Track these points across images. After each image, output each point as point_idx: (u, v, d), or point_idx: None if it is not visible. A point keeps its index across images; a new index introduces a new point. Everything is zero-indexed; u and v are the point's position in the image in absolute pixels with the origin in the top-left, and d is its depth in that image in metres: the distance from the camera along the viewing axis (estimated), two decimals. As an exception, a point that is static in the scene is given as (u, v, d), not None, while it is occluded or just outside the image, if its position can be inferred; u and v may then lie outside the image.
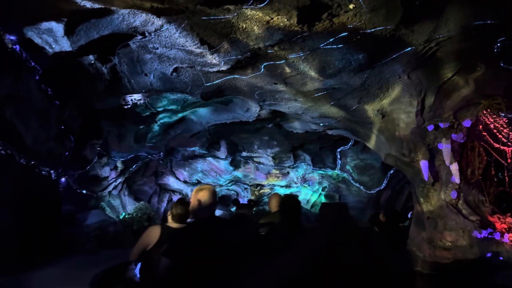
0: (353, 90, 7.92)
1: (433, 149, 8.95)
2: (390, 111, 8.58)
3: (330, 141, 15.08)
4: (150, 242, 3.75)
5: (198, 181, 14.84)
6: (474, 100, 7.66)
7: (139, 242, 3.84)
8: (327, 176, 17.19)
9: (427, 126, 8.50)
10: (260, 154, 15.20)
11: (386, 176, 16.09)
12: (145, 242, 3.79)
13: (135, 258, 3.82)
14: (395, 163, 10.02)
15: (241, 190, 16.30)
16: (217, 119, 11.71)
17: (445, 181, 9.09)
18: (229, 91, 8.99)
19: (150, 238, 3.77)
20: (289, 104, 9.24)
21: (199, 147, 13.56)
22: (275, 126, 13.52)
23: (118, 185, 12.23)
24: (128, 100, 9.22)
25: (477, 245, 8.09)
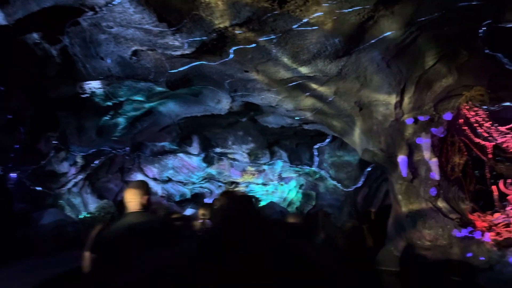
0: (329, 80, 7.39)
1: (412, 144, 8.53)
2: (368, 103, 8.10)
3: (307, 137, 14.58)
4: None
5: (169, 178, 14.10)
6: (456, 91, 7.26)
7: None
8: (304, 174, 16.72)
9: (406, 119, 8.06)
10: (235, 150, 14.56)
11: (363, 174, 15.72)
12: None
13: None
14: (372, 159, 9.57)
15: (215, 188, 15.63)
16: (187, 112, 11.01)
17: (424, 178, 8.69)
18: (197, 80, 8.33)
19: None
20: (262, 95, 8.65)
21: (169, 142, 12.81)
22: (249, 121, 12.92)
23: (79, 182, 11.38)
24: (86, 88, 8.43)
25: (457, 244, 7.70)
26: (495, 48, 5.42)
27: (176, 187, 14.36)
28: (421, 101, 7.61)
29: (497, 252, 6.95)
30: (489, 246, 7.13)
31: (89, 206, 11.54)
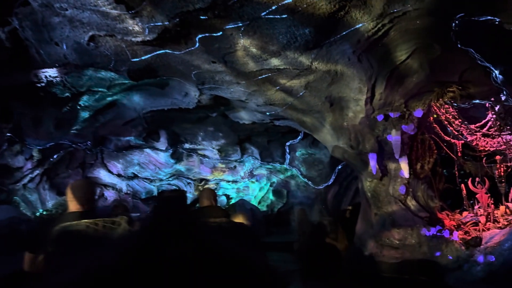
0: (299, 73, 7.12)
1: (382, 141, 8.41)
2: (339, 98, 7.90)
3: (278, 133, 14.35)
4: None
5: (134, 174, 13.53)
6: (427, 88, 7.15)
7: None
8: (276, 171, 16.52)
9: (377, 116, 7.92)
10: (205, 146, 14.16)
11: (334, 171, 15.67)
12: None
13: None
14: (342, 156, 9.42)
15: (184, 185, 15.17)
16: (153, 105, 10.53)
17: (393, 176, 8.60)
18: (162, 70, 7.90)
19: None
20: (231, 88, 8.30)
21: (135, 137, 12.28)
22: (220, 116, 12.55)
23: (36, 177, 10.67)
24: (42, 77, 7.84)
25: (426, 243, 7.62)
26: (468, 42, 5.29)
27: (142, 184, 13.82)
28: (392, 98, 7.47)
29: (465, 251, 6.90)
30: (457, 245, 7.08)
31: (47, 203, 10.86)
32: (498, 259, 6.12)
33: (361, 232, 9.49)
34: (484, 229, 7.27)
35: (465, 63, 6.08)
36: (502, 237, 6.51)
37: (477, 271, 6.43)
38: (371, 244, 8.82)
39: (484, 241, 6.88)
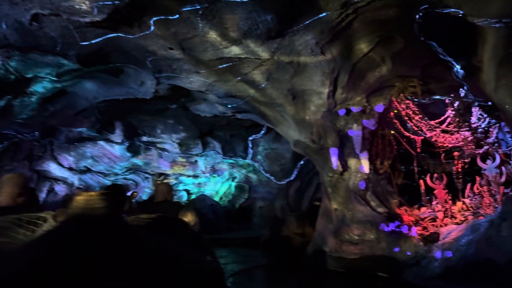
0: (261, 64, 6.86)
1: (344, 136, 8.33)
2: (301, 91, 7.71)
3: (241, 128, 14.08)
4: None
5: (87, 168, 12.79)
6: (388, 82, 7.09)
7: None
8: (238, 166, 16.24)
9: (339, 110, 7.82)
10: (164, 139, 13.62)
11: (296, 167, 15.60)
12: None
13: None
14: (304, 151, 9.29)
15: (141, 180, 14.55)
16: (107, 94, 9.90)
17: (354, 171, 8.54)
18: (115, 56, 7.39)
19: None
20: (191, 78, 7.92)
21: (88, 128, 11.56)
22: (180, 108, 12.09)
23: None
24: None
25: (385, 239, 7.60)
26: (431, 36, 5.21)
27: (95, 178, 13.09)
28: (354, 92, 7.36)
29: (423, 247, 6.92)
30: (415, 241, 7.09)
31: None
32: (455, 254, 6.16)
33: (321, 227, 9.40)
34: (441, 224, 7.34)
35: (428, 58, 6.04)
36: (459, 232, 6.57)
37: (435, 266, 6.44)
38: (331, 239, 8.74)
39: (442, 237, 6.94)
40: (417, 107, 7.49)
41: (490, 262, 5.37)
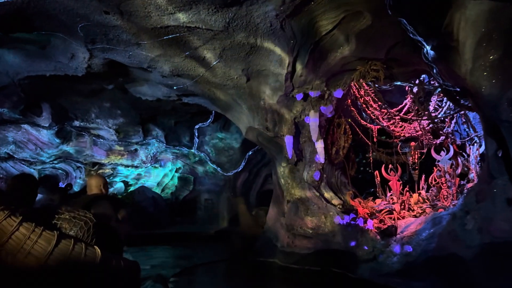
0: (214, 37, 6.06)
1: (299, 123, 7.82)
2: (257, 72, 7.03)
3: (187, 114, 13.12)
4: None
5: (8, 155, 11.17)
6: (350, 65, 6.62)
7: None
8: (182, 156, 15.27)
9: (296, 94, 7.26)
10: (99, 125, 12.27)
11: (245, 158, 14.99)
12: None
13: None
14: (257, 139, 8.65)
15: (73, 170, 13.10)
16: (31, 69, 8.52)
17: (308, 161, 8.07)
18: (39, 20, 6.21)
19: None
20: (130, 51, 6.92)
21: (9, 109, 10.00)
22: (118, 90, 10.86)
23: None
24: None
25: (340, 233, 7.19)
26: (401, 11, 4.74)
27: (18, 167, 11.50)
28: (314, 75, 6.81)
29: (381, 241, 6.57)
30: (372, 235, 6.73)
31: None
32: (415, 249, 5.84)
33: (272, 220, 8.86)
34: (399, 217, 7.05)
35: (394, 37, 5.61)
36: (418, 226, 6.29)
37: (393, 262, 6.10)
38: (283, 233, 8.22)
39: (400, 230, 6.63)
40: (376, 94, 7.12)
41: (454, 257, 5.08)
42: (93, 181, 3.63)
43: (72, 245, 2.21)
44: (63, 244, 2.19)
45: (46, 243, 2.15)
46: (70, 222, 2.35)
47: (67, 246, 2.19)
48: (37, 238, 2.16)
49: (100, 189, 3.55)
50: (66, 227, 2.31)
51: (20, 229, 2.15)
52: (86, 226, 2.36)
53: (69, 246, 2.20)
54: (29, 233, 2.15)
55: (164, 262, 8.40)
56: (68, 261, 2.17)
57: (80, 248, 2.23)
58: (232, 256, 9.05)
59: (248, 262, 8.49)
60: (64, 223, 2.34)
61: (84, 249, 2.24)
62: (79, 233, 2.32)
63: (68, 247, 2.19)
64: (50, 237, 2.18)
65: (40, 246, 2.14)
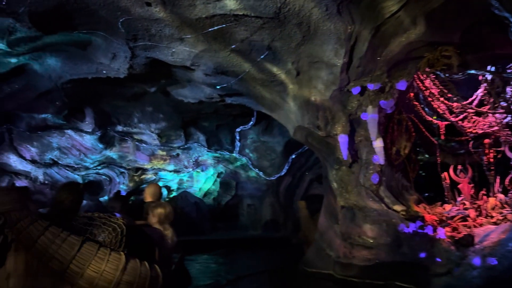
0: (262, 26, 5.52)
1: (355, 121, 7.12)
2: (308, 65, 6.42)
3: (229, 117, 12.71)
4: None
5: (53, 161, 11.17)
6: (416, 52, 5.85)
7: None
8: (224, 160, 14.91)
9: (352, 88, 6.56)
10: (142, 129, 12.10)
11: (288, 161, 14.41)
12: None
13: None
14: (305, 139, 8.02)
15: (116, 175, 13.00)
16: (73, 72, 8.38)
17: (365, 162, 7.33)
18: (79, 17, 5.95)
19: None
20: (173, 48, 6.53)
21: (53, 115, 9.99)
22: (160, 93, 10.61)
23: None
24: None
25: (406, 242, 6.40)
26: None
27: (63, 173, 11.48)
28: (373, 65, 6.11)
29: (456, 252, 5.71)
30: (445, 245, 5.88)
31: None
32: (501, 262, 4.98)
33: (324, 228, 8.16)
34: (475, 225, 6.16)
35: (472, 16, 4.82)
36: (501, 235, 5.41)
37: (473, 276, 5.25)
38: (338, 243, 7.50)
39: (478, 240, 5.75)
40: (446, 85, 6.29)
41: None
42: (149, 190, 3.88)
43: (96, 250, 2.26)
44: (86, 249, 2.25)
45: (70, 248, 2.22)
46: (99, 228, 2.40)
47: (90, 251, 2.25)
48: (62, 243, 2.23)
49: (156, 197, 3.77)
50: (96, 233, 2.37)
51: (46, 234, 2.24)
52: (114, 232, 2.40)
53: (93, 251, 2.25)
54: (54, 237, 2.23)
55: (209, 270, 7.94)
56: (90, 265, 2.23)
57: (104, 254, 2.27)
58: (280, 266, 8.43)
59: (299, 273, 7.85)
60: (95, 229, 2.40)
61: (107, 254, 2.27)
62: (107, 239, 2.36)
63: (92, 252, 2.25)
64: (75, 242, 2.25)
65: (64, 250, 2.21)
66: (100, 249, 2.25)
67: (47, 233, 2.22)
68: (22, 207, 2.30)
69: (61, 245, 2.19)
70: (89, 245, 2.24)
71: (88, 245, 2.23)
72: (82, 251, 2.21)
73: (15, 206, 2.27)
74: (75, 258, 2.19)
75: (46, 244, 2.18)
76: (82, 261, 2.19)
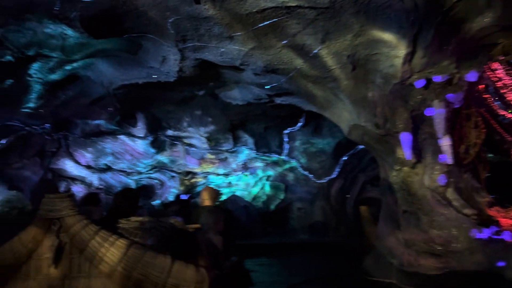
0: (316, 18, 5.18)
1: (418, 117, 6.54)
2: (365, 58, 5.98)
3: (277, 118, 12.43)
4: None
5: (107, 166, 11.45)
6: (489, 39, 5.23)
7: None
8: (272, 163, 14.66)
9: (415, 81, 6.02)
10: (191, 133, 12.14)
11: (339, 163, 13.88)
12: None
13: None
14: (361, 139, 7.54)
15: (167, 179, 13.12)
16: (124, 77, 8.48)
17: (430, 162, 6.71)
18: (129, 20, 5.94)
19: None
20: (222, 47, 6.35)
21: (106, 120, 10.21)
22: (208, 96, 10.57)
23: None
24: (-35, 29, 5.78)
25: (481, 250, 5.76)
26: None
27: (117, 177, 11.74)
28: (440, 54, 5.55)
29: (543, 261, 5.01)
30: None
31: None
32: None
33: (385, 233, 7.62)
34: None
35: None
36: None
37: None
38: (401, 249, 6.95)
39: None
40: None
41: None
42: (206, 193, 3.90)
43: (142, 253, 2.33)
44: (133, 252, 2.33)
45: (118, 251, 2.32)
46: (148, 232, 2.47)
47: (137, 255, 2.32)
48: (110, 247, 2.33)
49: (213, 201, 3.80)
50: (145, 237, 2.44)
51: (96, 238, 2.36)
52: (161, 236, 2.46)
53: (140, 255, 2.32)
54: (103, 241, 2.34)
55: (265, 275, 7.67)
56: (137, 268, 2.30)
57: (150, 257, 2.33)
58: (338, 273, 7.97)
59: (358, 281, 7.35)
60: (144, 232, 2.47)
61: (154, 257, 2.33)
62: (154, 242, 2.43)
63: (138, 255, 2.32)
64: (122, 246, 2.34)
65: (113, 254, 2.31)
66: (146, 252, 2.33)
67: (97, 237, 2.35)
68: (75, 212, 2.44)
69: (109, 248, 2.32)
70: (136, 248, 2.34)
71: (135, 249, 2.34)
72: (129, 255, 2.31)
73: (70, 212, 2.42)
74: (122, 261, 2.29)
75: (96, 248, 2.32)
76: (130, 264, 2.29)
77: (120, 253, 2.32)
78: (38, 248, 2.43)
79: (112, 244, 2.35)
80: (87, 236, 2.37)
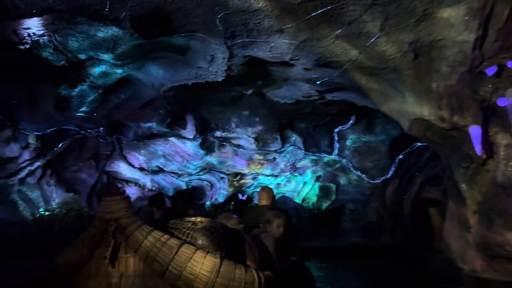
0: (374, 2, 4.82)
1: (489, 108, 5.91)
2: (429, 44, 5.49)
3: (326, 116, 12.03)
4: None
5: (159, 168, 11.60)
6: None
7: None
8: (322, 163, 14.22)
9: (486, 68, 5.43)
10: (239, 134, 12.04)
11: (394, 162, 13.19)
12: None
13: None
14: (423, 134, 6.98)
15: (217, 180, 13.11)
16: (174, 79, 8.49)
17: (504, 158, 6.06)
18: (178, 18, 5.87)
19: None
20: (271, 42, 6.13)
21: (157, 123, 10.32)
22: (256, 96, 10.40)
23: (37, 170, 8.82)
24: (23, 35, 5.98)
25: None
26: None
27: (168, 179, 11.88)
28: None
29: None
30: None
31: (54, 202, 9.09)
32: None
33: (451, 237, 7.02)
34: None
35: None
36: None
37: None
38: (471, 253, 6.35)
39: None
40: None
41: None
42: (264, 193, 3.94)
43: (192, 253, 2.37)
44: (183, 252, 2.38)
45: (169, 251, 2.38)
46: (199, 231, 2.48)
47: (187, 254, 2.37)
48: (162, 246, 2.40)
49: (271, 200, 3.84)
50: (196, 237, 2.46)
51: (149, 238, 2.44)
52: (211, 236, 2.46)
53: (190, 254, 2.37)
54: (155, 241, 2.41)
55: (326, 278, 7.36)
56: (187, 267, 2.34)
57: (200, 257, 2.36)
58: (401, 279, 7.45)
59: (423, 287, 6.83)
60: (195, 233, 2.49)
61: (203, 257, 2.36)
62: (205, 242, 2.43)
63: (188, 255, 2.37)
64: (173, 246, 2.40)
65: (164, 253, 2.38)
66: (196, 252, 2.37)
67: (149, 237, 2.43)
68: (130, 214, 2.52)
69: (161, 248, 2.38)
70: (186, 248, 2.39)
71: (186, 248, 2.39)
72: (180, 254, 2.36)
73: (125, 214, 2.50)
74: (173, 261, 2.35)
75: (148, 248, 2.40)
76: (180, 264, 2.34)
77: (171, 253, 2.38)
78: (98, 249, 2.55)
79: (164, 244, 2.41)
80: (140, 236, 2.44)
